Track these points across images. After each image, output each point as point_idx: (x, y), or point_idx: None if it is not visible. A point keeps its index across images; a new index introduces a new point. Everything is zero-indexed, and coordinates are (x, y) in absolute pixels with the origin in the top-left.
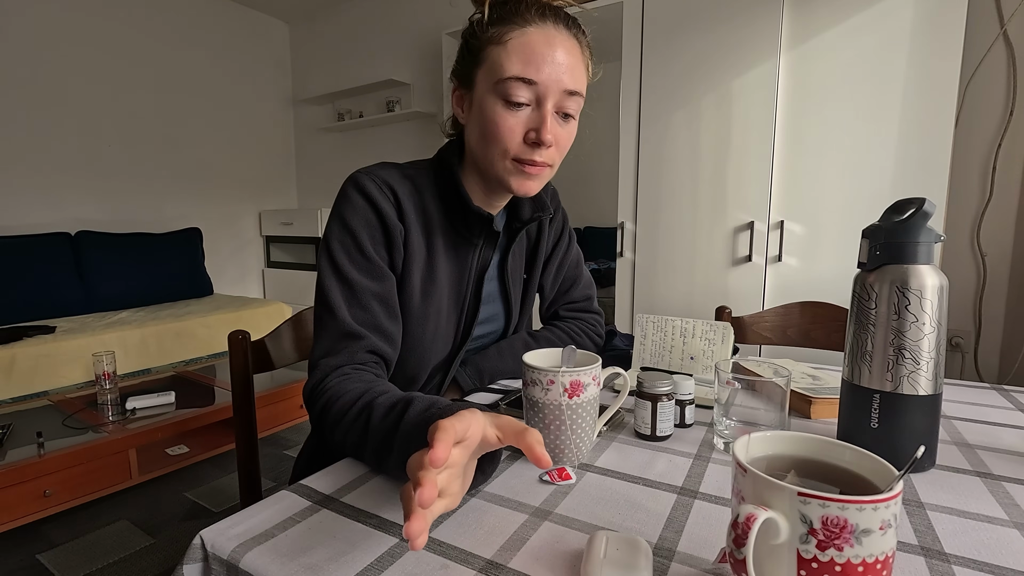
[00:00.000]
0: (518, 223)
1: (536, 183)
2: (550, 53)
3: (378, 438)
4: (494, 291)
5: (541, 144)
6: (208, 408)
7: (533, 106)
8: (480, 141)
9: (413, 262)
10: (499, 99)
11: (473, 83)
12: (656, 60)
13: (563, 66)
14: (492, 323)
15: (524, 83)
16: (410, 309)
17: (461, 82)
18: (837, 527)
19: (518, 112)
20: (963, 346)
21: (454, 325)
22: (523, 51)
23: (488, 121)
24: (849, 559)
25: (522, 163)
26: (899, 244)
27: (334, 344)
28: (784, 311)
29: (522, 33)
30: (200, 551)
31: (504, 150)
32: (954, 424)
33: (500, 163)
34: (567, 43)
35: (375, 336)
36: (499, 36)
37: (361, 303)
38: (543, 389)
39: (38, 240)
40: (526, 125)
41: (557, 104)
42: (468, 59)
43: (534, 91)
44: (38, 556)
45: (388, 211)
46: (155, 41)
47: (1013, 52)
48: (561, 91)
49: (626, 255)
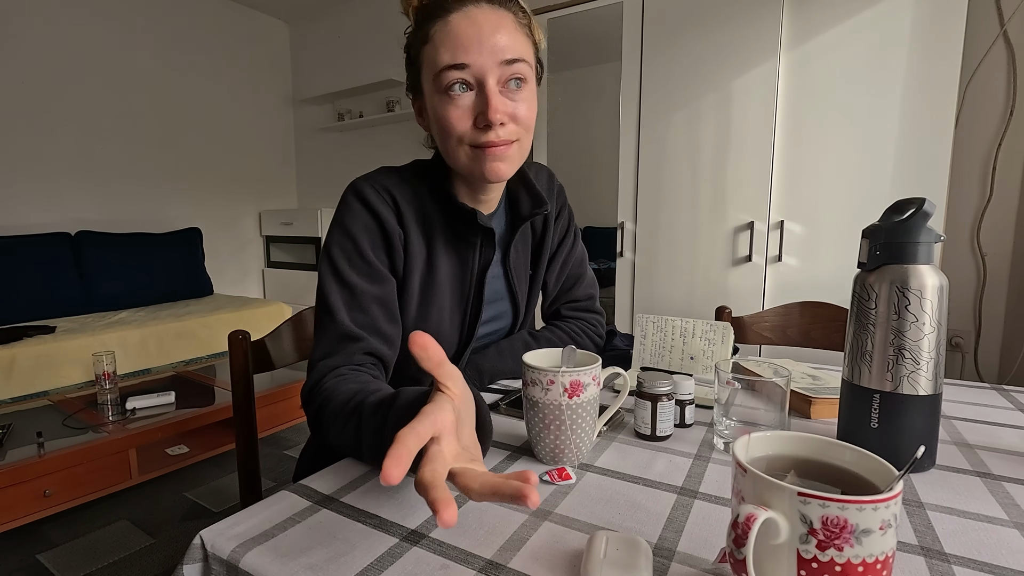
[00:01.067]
0: (518, 220)
1: (505, 164)
2: (475, 32)
3: (370, 434)
4: (499, 289)
5: (490, 125)
6: (208, 408)
7: (476, 90)
8: (440, 141)
9: (414, 265)
10: (440, 93)
11: (421, 89)
12: (656, 60)
13: (492, 38)
14: (499, 321)
15: (456, 69)
16: (411, 311)
17: (414, 93)
18: (837, 527)
19: (460, 99)
20: (963, 346)
21: (457, 326)
22: (448, 39)
23: (437, 117)
24: (849, 559)
25: (480, 147)
26: (899, 244)
27: (333, 346)
28: (784, 311)
29: (444, 23)
30: (200, 551)
31: (458, 138)
32: (954, 424)
33: (459, 153)
34: (492, 16)
35: (374, 338)
36: (426, 34)
37: (361, 306)
38: (543, 389)
39: (38, 240)
40: (473, 110)
41: (499, 78)
42: (411, 68)
43: (469, 74)
44: (38, 556)
45: (387, 216)
46: (155, 41)
47: (1013, 52)
48: (498, 63)
49: (626, 255)
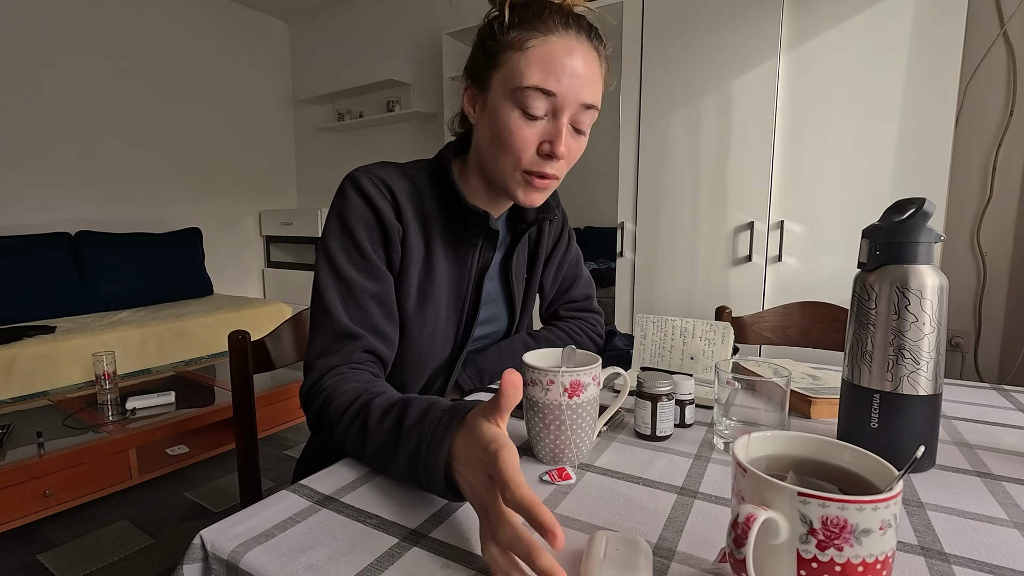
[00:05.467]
0: (523, 224)
1: (541, 196)
2: (571, 64)
3: (377, 440)
4: (495, 291)
5: (554, 156)
6: (208, 408)
7: (549, 117)
8: (491, 147)
9: (411, 262)
10: (516, 107)
11: (488, 85)
12: (656, 60)
13: (582, 78)
14: (493, 323)
15: (543, 94)
16: (408, 309)
17: (475, 81)
18: (837, 527)
19: (534, 123)
20: (963, 346)
21: (454, 326)
22: (544, 61)
23: (502, 128)
24: (849, 559)
25: (532, 175)
26: (899, 244)
27: (330, 344)
28: (784, 311)
29: (544, 41)
30: (200, 551)
31: (516, 160)
32: (954, 424)
33: (510, 173)
34: (588, 55)
35: (371, 336)
36: (520, 42)
37: (358, 303)
38: (543, 389)
39: (38, 240)
40: (540, 136)
41: (572, 117)
42: (484, 60)
43: (552, 102)
44: (38, 556)
45: (386, 210)
46: (155, 41)
47: (1013, 52)
48: (578, 104)
49: (626, 255)
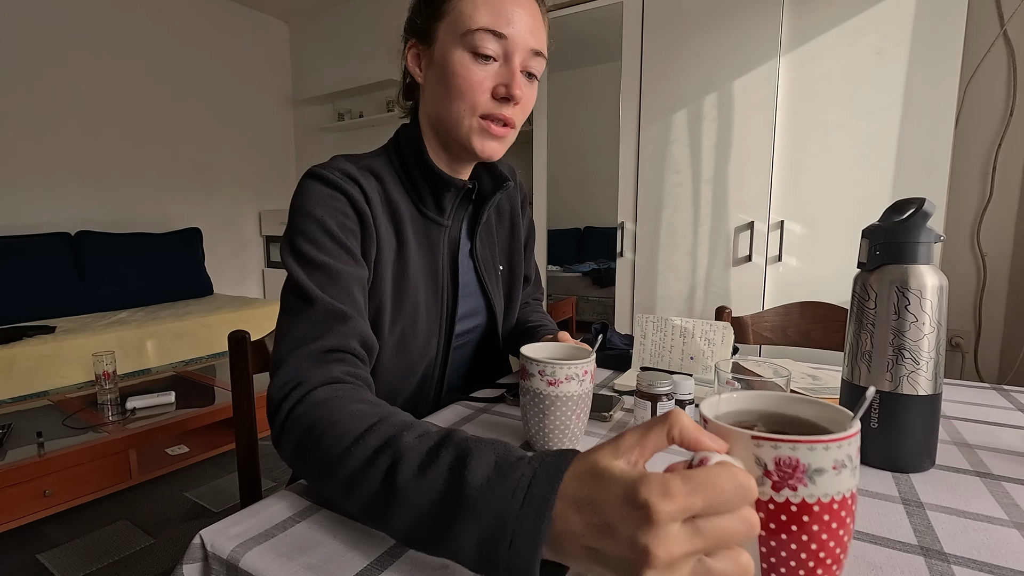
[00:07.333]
0: (481, 202)
1: (500, 145)
2: (518, 10)
3: (417, 503)
4: (472, 283)
5: (511, 99)
6: (208, 408)
7: (501, 61)
8: (445, 99)
9: (384, 255)
10: (466, 51)
11: (434, 37)
12: (656, 60)
13: (530, 24)
14: (474, 318)
15: (494, 36)
16: (386, 307)
17: (419, 37)
18: (790, 467)
19: (487, 65)
20: (963, 346)
21: (436, 318)
22: (492, 4)
23: (454, 75)
24: (804, 499)
25: (490, 120)
26: (899, 244)
27: (311, 329)
28: (784, 311)
29: None
30: (200, 551)
31: (473, 105)
32: (954, 424)
33: (467, 120)
34: (531, 4)
35: (361, 321)
36: None
37: (341, 286)
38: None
39: (38, 240)
40: (495, 79)
41: (523, 63)
42: (428, 12)
43: (503, 45)
44: (38, 556)
45: (357, 197)
46: (155, 41)
47: (1013, 52)
48: (528, 49)
49: (626, 255)
